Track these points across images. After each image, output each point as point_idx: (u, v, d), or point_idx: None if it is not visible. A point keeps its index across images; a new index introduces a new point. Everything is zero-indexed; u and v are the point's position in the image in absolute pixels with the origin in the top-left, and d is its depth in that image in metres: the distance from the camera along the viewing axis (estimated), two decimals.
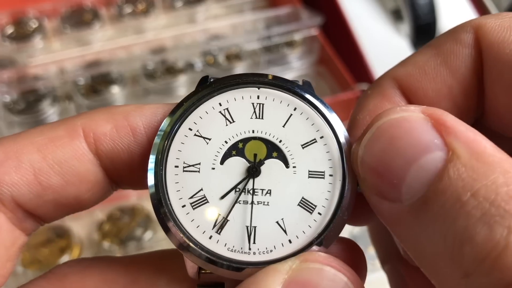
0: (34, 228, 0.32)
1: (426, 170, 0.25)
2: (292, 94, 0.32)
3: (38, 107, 0.93)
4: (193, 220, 0.30)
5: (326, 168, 0.30)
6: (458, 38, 0.32)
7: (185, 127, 0.31)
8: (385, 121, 0.27)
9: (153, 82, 0.98)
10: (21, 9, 1.06)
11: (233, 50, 1.02)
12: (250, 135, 0.31)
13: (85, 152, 0.31)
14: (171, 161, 0.30)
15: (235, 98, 0.32)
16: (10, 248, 0.31)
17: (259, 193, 0.30)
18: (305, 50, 1.04)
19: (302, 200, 0.30)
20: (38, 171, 0.30)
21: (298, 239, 0.29)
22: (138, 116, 0.31)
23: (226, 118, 0.31)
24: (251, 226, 0.30)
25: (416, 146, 0.25)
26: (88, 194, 0.32)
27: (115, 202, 0.86)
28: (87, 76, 0.96)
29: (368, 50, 0.99)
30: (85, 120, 0.31)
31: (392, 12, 1.05)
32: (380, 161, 0.26)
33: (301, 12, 1.02)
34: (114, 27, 1.07)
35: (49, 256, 0.79)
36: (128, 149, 0.31)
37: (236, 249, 0.29)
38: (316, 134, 0.31)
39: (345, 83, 0.95)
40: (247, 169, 0.31)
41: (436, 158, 0.25)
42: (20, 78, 0.92)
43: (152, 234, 0.83)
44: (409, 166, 0.25)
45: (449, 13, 1.04)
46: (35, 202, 0.30)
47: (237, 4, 1.13)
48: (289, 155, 0.31)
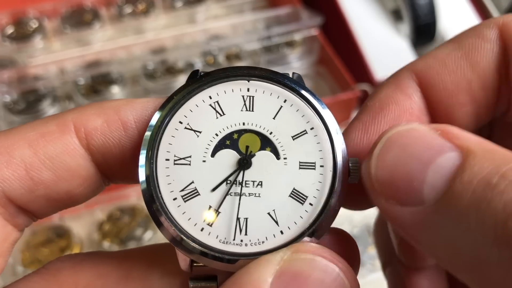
0: (26, 223, 0.32)
1: (446, 167, 0.25)
2: (282, 86, 0.32)
3: (38, 107, 0.93)
4: (184, 213, 0.30)
5: (317, 159, 0.31)
6: (481, 34, 0.32)
7: (176, 120, 0.31)
8: (393, 132, 0.27)
9: (153, 82, 0.98)
10: (21, 9, 1.06)
11: (233, 50, 1.02)
12: (241, 127, 0.31)
13: (76, 147, 0.31)
14: (162, 154, 0.30)
15: (225, 91, 0.32)
16: (2, 243, 0.31)
17: (250, 185, 0.30)
18: (305, 50, 1.04)
19: (293, 191, 0.30)
20: (29, 166, 0.30)
21: (289, 230, 0.29)
22: (129, 110, 0.31)
23: (217, 111, 0.31)
24: (242, 217, 0.30)
25: (430, 149, 0.25)
26: (79, 189, 0.32)
27: (115, 202, 0.86)
28: (87, 76, 0.96)
29: (368, 50, 0.99)
30: (76, 115, 0.31)
31: (392, 12, 1.05)
32: (395, 169, 0.26)
33: (301, 12, 1.02)
34: (114, 27, 1.07)
35: (49, 256, 0.79)
36: (119, 144, 0.31)
37: (228, 241, 0.29)
38: (307, 125, 0.31)
39: (345, 83, 0.95)
40: (238, 161, 0.31)
41: (452, 156, 0.25)
42: (20, 78, 0.92)
43: (152, 234, 0.83)
44: (427, 167, 0.25)
45: (449, 13, 1.04)
46: (26, 197, 0.30)
47: (237, 4, 1.13)
48: (280, 147, 0.31)
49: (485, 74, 0.32)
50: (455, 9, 1.05)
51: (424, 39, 1.01)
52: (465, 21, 1.05)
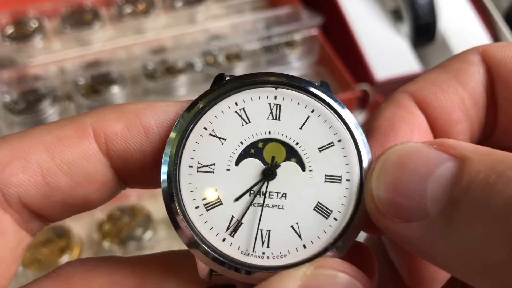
0: (39, 228, 0.32)
1: (444, 177, 0.25)
2: (310, 95, 0.31)
3: (38, 107, 0.93)
4: (206, 222, 0.29)
5: (343, 173, 0.30)
6: (464, 59, 0.33)
7: (200, 126, 0.30)
8: (389, 153, 0.27)
9: (153, 82, 0.98)
10: (21, 9, 1.06)
11: (233, 50, 1.02)
12: (266, 136, 0.30)
13: (95, 153, 0.30)
14: (185, 161, 0.30)
15: (251, 98, 0.31)
16: (15, 250, 0.30)
17: (274, 196, 0.29)
18: (305, 50, 1.04)
19: (318, 204, 0.29)
20: (46, 172, 0.29)
21: (313, 245, 0.29)
22: (150, 115, 0.31)
23: (242, 118, 0.31)
24: (265, 229, 0.29)
25: (427, 163, 0.26)
26: (96, 194, 0.31)
27: (115, 202, 0.86)
28: (87, 76, 0.96)
29: (368, 50, 0.99)
30: (95, 119, 0.30)
31: (392, 12, 1.05)
32: (396, 187, 0.26)
33: (301, 12, 1.02)
34: (114, 27, 1.07)
35: (49, 256, 0.79)
36: (141, 149, 0.31)
37: (249, 253, 0.29)
38: (334, 137, 0.30)
39: (345, 83, 0.95)
40: (263, 171, 0.30)
41: (449, 166, 0.25)
42: (20, 78, 0.92)
43: (152, 234, 0.83)
44: (426, 181, 0.25)
45: (449, 13, 1.04)
46: (42, 203, 0.30)
47: (237, 4, 1.13)
48: (306, 158, 0.30)
49: (475, 92, 0.33)
50: (455, 9, 1.05)
51: (424, 39, 1.01)
52: (465, 21, 1.05)
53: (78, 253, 0.81)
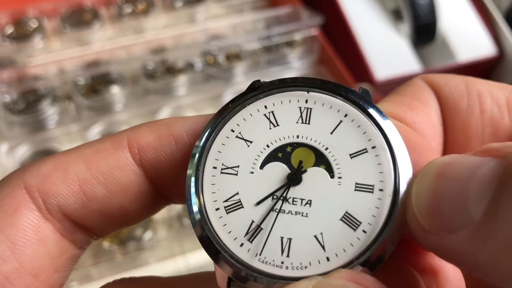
0: (85, 241, 0.32)
1: (487, 176, 0.23)
2: (344, 100, 0.30)
3: (38, 107, 0.93)
4: (225, 225, 0.28)
5: (376, 182, 0.27)
6: (416, 83, 0.34)
7: (228, 129, 0.30)
8: (429, 166, 0.26)
9: (153, 82, 0.98)
10: (21, 9, 1.06)
11: (233, 50, 1.02)
12: (294, 140, 0.29)
13: (129, 163, 0.31)
14: (210, 162, 0.29)
15: (282, 101, 0.30)
16: (58, 258, 0.31)
17: (298, 203, 0.28)
18: (305, 50, 1.04)
19: (346, 214, 0.27)
20: (82, 182, 0.30)
21: (337, 258, 0.26)
22: (180, 125, 0.31)
23: (270, 121, 0.30)
24: (286, 237, 0.27)
25: (468, 167, 0.24)
26: (133, 205, 0.32)
27: None
28: (87, 76, 0.96)
29: (368, 50, 0.99)
30: (131, 132, 0.32)
31: (392, 12, 1.05)
32: (435, 196, 0.24)
33: (301, 12, 1.02)
34: (114, 27, 1.07)
35: None
36: (171, 157, 0.31)
37: (267, 261, 0.27)
38: (368, 143, 0.28)
39: (345, 83, 0.95)
40: (287, 176, 0.29)
41: (492, 165, 0.23)
42: (20, 78, 0.92)
43: (152, 234, 0.83)
44: (467, 183, 0.23)
45: (449, 13, 1.04)
46: (81, 212, 0.30)
47: (237, 4, 1.13)
48: (335, 165, 0.28)
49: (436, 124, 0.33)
50: (455, 9, 1.05)
51: (424, 39, 1.01)
52: (465, 21, 1.05)
53: None
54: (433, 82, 0.33)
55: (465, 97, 0.32)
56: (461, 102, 0.32)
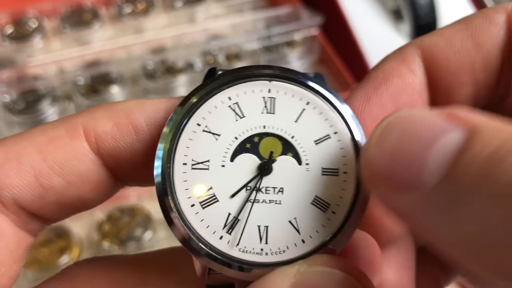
0: (39, 228, 0.32)
1: (449, 146, 0.23)
2: (304, 87, 0.31)
3: (38, 107, 0.93)
4: (202, 220, 0.28)
5: (340, 166, 0.29)
6: (488, 17, 0.32)
7: (193, 123, 0.30)
8: (392, 118, 0.26)
9: (153, 82, 0.98)
10: (21, 9, 1.06)
11: (233, 50, 1.02)
12: (261, 130, 0.30)
13: (86, 152, 0.30)
14: (179, 159, 0.29)
15: (245, 92, 0.30)
16: (16, 250, 0.30)
17: (271, 191, 0.29)
18: (305, 50, 1.04)
19: (316, 198, 0.29)
20: (38, 173, 0.29)
21: (311, 239, 0.28)
22: (140, 113, 0.31)
23: (236, 113, 0.30)
24: (263, 225, 0.28)
25: (432, 130, 0.23)
26: (92, 194, 0.31)
27: (115, 202, 0.86)
28: (87, 76, 0.96)
29: (368, 50, 0.99)
30: (86, 118, 0.31)
31: (392, 12, 1.05)
32: (394, 154, 0.24)
33: (301, 12, 1.02)
34: (114, 27, 1.07)
35: (49, 256, 0.79)
36: (131, 147, 0.31)
37: (247, 250, 0.28)
38: (330, 129, 0.30)
39: (345, 83, 0.95)
40: (258, 166, 0.29)
41: (456, 136, 0.23)
42: (20, 78, 0.92)
43: (152, 234, 0.83)
44: (428, 149, 0.23)
45: (449, 13, 1.04)
46: (37, 204, 0.30)
47: (237, 4, 1.13)
48: (302, 152, 0.29)
49: (489, 56, 0.32)
50: (456, 9, 1.05)
51: None
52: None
53: (77, 254, 0.81)
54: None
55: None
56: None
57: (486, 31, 0.32)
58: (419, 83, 0.32)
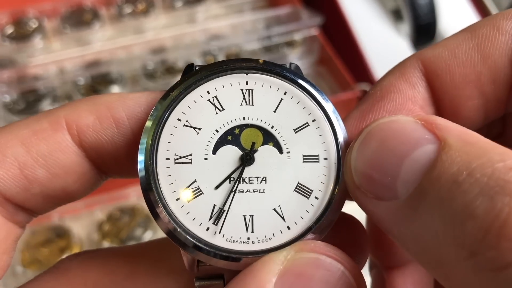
0: (27, 220, 0.32)
1: (419, 162, 0.24)
2: (281, 78, 0.31)
3: (38, 107, 0.93)
4: (188, 213, 0.29)
5: (320, 152, 0.30)
6: (496, 24, 0.31)
7: (174, 118, 0.30)
8: (374, 126, 0.27)
9: (153, 82, 0.98)
10: (21, 9, 1.06)
11: (233, 50, 1.02)
12: (242, 122, 0.30)
13: (69, 144, 0.31)
14: (162, 154, 0.30)
15: (223, 85, 0.31)
16: (4, 241, 0.31)
17: (254, 181, 0.30)
18: (305, 50, 1.04)
19: (298, 185, 0.29)
20: (23, 165, 0.30)
21: (296, 225, 0.29)
22: (121, 107, 0.31)
23: (216, 106, 0.31)
24: (248, 215, 0.29)
25: (406, 143, 0.25)
26: (76, 185, 0.32)
27: (115, 202, 0.86)
28: (87, 76, 0.96)
29: (368, 50, 0.99)
30: (68, 111, 0.31)
31: (392, 12, 1.05)
32: (372, 164, 0.26)
33: (301, 12, 1.02)
34: (114, 27, 1.07)
35: (49, 256, 0.79)
36: (112, 140, 0.31)
37: (234, 239, 0.29)
38: (308, 117, 0.31)
39: (345, 83, 0.95)
40: (240, 157, 0.30)
41: (428, 150, 0.24)
42: (20, 78, 0.92)
43: (152, 234, 0.83)
44: (401, 162, 0.25)
45: (449, 13, 1.04)
46: (22, 195, 0.30)
47: (237, 4, 1.13)
48: (282, 141, 0.30)
49: (496, 67, 0.31)
50: (455, 9, 1.05)
51: (424, 39, 1.01)
52: (465, 21, 1.05)
53: None
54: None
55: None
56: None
57: (494, 41, 0.31)
58: (420, 97, 0.32)
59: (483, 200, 0.21)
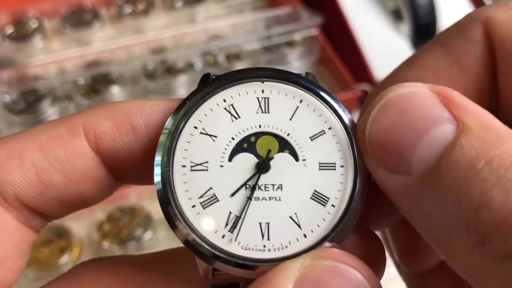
0: (42, 225, 0.32)
1: (438, 141, 0.24)
2: (297, 86, 0.31)
3: (38, 107, 0.93)
4: (204, 220, 0.29)
5: (336, 159, 0.30)
6: (467, 35, 0.32)
7: (190, 126, 0.30)
8: (393, 95, 0.27)
9: (153, 82, 0.98)
10: (21, 9, 1.06)
11: (233, 50, 1.02)
12: (257, 130, 0.31)
13: (86, 151, 0.31)
14: (178, 161, 0.30)
15: (239, 93, 0.31)
16: (20, 245, 0.31)
17: (270, 189, 0.29)
18: (305, 50, 1.04)
19: (315, 193, 0.29)
20: (40, 170, 0.30)
21: (313, 233, 0.29)
22: (139, 114, 0.31)
23: (232, 114, 0.31)
24: (264, 222, 0.29)
25: (426, 119, 0.25)
26: (92, 191, 0.32)
27: (115, 202, 0.86)
28: (87, 76, 0.96)
29: (368, 50, 0.99)
30: (86, 118, 0.31)
31: (392, 12, 1.05)
32: (389, 135, 0.26)
33: (301, 12, 1.02)
34: (114, 27, 1.07)
35: (49, 256, 0.79)
36: (129, 147, 0.31)
37: (250, 247, 0.28)
38: (324, 125, 0.31)
39: (345, 83, 0.95)
40: (256, 164, 0.30)
41: (447, 130, 0.24)
42: (20, 78, 0.92)
43: (152, 234, 0.83)
44: (419, 138, 0.25)
45: (449, 13, 1.04)
46: (39, 200, 0.30)
47: (237, 4, 1.13)
48: (298, 148, 0.30)
49: (478, 78, 0.32)
50: (455, 9, 1.05)
51: (424, 39, 1.01)
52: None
53: (78, 253, 0.81)
54: (492, 27, 0.31)
55: None
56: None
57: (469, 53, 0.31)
58: None
59: (499, 192, 0.22)
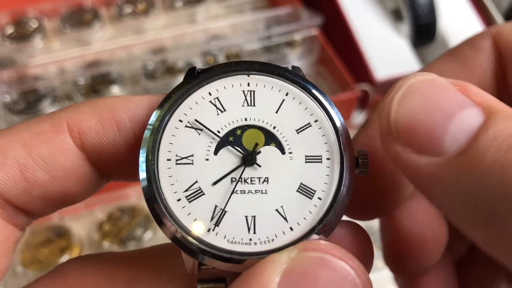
0: (27, 222, 0.32)
1: (469, 121, 0.24)
2: (283, 79, 0.31)
3: (38, 107, 0.93)
4: (189, 214, 0.29)
5: (323, 152, 0.30)
6: (475, 44, 0.33)
7: (175, 119, 0.30)
8: (416, 80, 0.27)
9: (153, 82, 0.98)
10: (21, 9, 1.06)
11: (233, 50, 1.02)
12: (243, 123, 0.30)
13: (70, 147, 0.31)
14: (163, 155, 0.29)
15: (224, 86, 0.31)
16: (4, 243, 0.30)
17: (256, 182, 0.29)
18: (305, 50, 1.04)
19: (301, 186, 0.29)
20: (23, 167, 0.30)
21: (299, 226, 0.28)
22: (123, 109, 0.31)
23: (217, 107, 0.31)
24: (250, 215, 0.29)
25: (452, 102, 0.25)
26: (76, 188, 0.32)
27: (115, 202, 0.86)
28: (87, 76, 0.96)
29: (368, 50, 0.99)
30: (70, 114, 0.31)
31: (392, 12, 1.05)
32: (417, 117, 0.26)
33: (301, 12, 1.02)
34: (114, 27, 1.07)
35: (49, 256, 0.79)
36: (114, 143, 0.31)
37: (236, 241, 0.28)
38: (310, 118, 0.31)
39: (345, 83, 0.95)
40: (242, 157, 0.30)
41: (475, 112, 0.25)
42: (20, 78, 0.92)
43: (152, 234, 0.83)
44: (450, 119, 0.25)
45: (449, 13, 1.04)
46: (23, 198, 0.30)
47: (237, 4, 1.13)
48: (285, 141, 0.30)
49: (483, 82, 0.32)
50: (455, 9, 1.05)
51: (424, 39, 1.01)
52: (465, 21, 1.05)
53: (78, 253, 0.81)
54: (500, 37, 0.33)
55: None
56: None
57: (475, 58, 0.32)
58: None
59: None
